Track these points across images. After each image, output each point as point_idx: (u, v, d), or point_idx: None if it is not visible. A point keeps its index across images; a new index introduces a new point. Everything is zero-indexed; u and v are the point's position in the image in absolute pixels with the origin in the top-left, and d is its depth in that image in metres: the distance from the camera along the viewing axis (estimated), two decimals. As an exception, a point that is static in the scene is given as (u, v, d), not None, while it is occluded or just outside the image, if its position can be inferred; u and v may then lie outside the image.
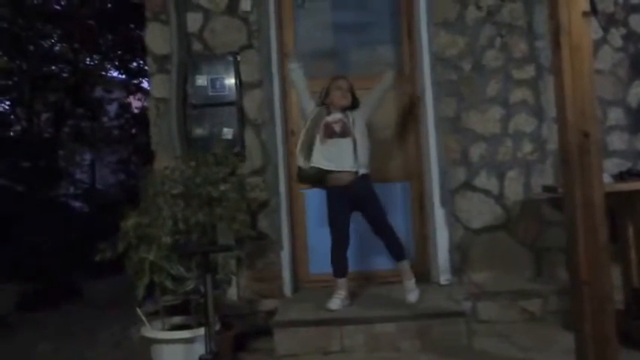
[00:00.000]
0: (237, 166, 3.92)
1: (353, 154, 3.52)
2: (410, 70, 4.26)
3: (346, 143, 3.53)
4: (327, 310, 3.49)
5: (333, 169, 3.53)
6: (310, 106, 3.67)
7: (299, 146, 3.61)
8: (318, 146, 3.55)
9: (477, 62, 4.04)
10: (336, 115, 3.60)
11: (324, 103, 3.66)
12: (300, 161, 3.59)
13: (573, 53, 2.27)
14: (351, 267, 3.68)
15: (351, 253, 3.64)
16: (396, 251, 3.60)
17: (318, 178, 3.58)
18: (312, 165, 3.54)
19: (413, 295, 3.54)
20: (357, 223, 3.66)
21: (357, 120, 3.59)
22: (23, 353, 3.99)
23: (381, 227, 3.59)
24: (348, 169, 3.52)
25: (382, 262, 4.05)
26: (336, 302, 3.52)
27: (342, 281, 3.59)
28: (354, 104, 3.65)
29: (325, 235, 3.75)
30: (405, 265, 3.60)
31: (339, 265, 3.59)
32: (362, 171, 3.55)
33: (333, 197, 3.60)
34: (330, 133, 3.55)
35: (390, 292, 3.82)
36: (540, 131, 4.01)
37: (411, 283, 3.58)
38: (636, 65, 4.06)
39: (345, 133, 3.55)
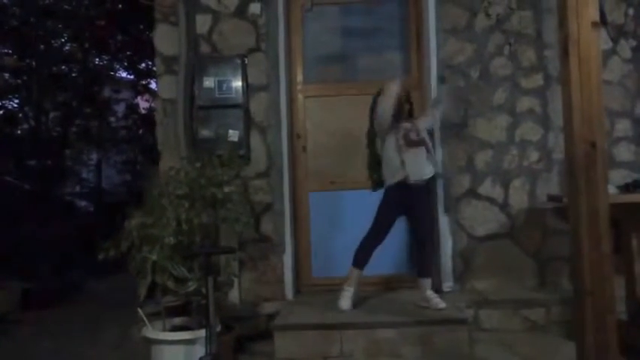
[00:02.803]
0: (242, 168, 3.92)
1: (427, 160, 3.60)
2: (418, 76, 4.26)
3: (423, 152, 3.60)
4: (338, 309, 3.49)
5: (416, 179, 3.54)
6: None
7: (392, 161, 3.59)
8: (396, 156, 3.55)
9: (484, 70, 4.04)
10: (408, 124, 3.64)
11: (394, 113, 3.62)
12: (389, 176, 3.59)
13: (582, 63, 2.26)
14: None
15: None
16: (424, 268, 3.60)
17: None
18: (397, 180, 3.55)
19: (439, 301, 3.50)
20: (358, 227, 3.64)
21: (422, 129, 3.67)
22: (24, 352, 4.00)
23: (420, 235, 3.60)
24: (426, 177, 3.59)
25: (385, 267, 4.03)
26: (346, 302, 3.52)
27: (357, 273, 3.58)
28: (410, 112, 3.72)
29: (328, 238, 3.76)
30: (428, 282, 3.59)
31: (363, 256, 3.58)
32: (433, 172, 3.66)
33: (391, 195, 3.59)
34: (409, 142, 3.58)
35: (393, 298, 3.80)
36: (546, 140, 4.00)
37: (431, 292, 3.57)
38: (645, 77, 4.04)
39: (420, 141, 3.61)
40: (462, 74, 4.04)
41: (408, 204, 3.55)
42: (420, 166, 3.57)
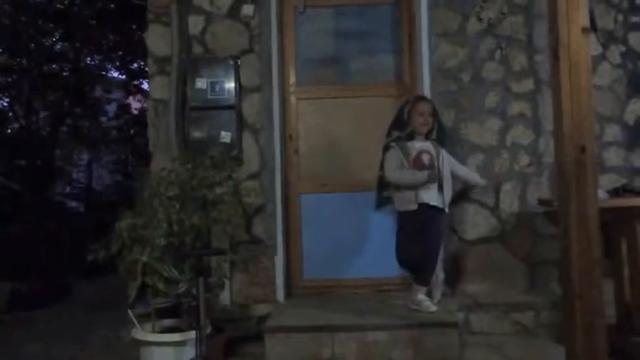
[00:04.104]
0: (234, 170, 3.91)
1: (438, 190, 3.47)
2: (409, 79, 4.27)
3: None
4: (429, 312, 3.44)
5: (428, 203, 3.45)
6: (398, 164, 3.54)
7: (395, 169, 3.52)
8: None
9: (476, 74, 4.06)
10: (425, 144, 3.54)
11: (398, 130, 3.58)
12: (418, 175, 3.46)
13: (572, 68, 2.28)
14: (345, 274, 3.67)
15: (344, 259, 3.63)
16: (423, 277, 3.51)
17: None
18: (407, 209, 3.47)
19: (429, 304, 3.48)
20: (349, 229, 3.65)
21: (445, 158, 3.55)
22: (13, 353, 3.96)
23: (424, 250, 3.47)
24: (434, 204, 3.45)
25: (375, 270, 4.04)
26: (432, 305, 3.48)
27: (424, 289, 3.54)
28: (441, 131, 3.61)
29: (320, 240, 3.76)
30: (422, 290, 3.52)
31: (429, 275, 3.51)
32: (447, 210, 3.52)
33: (410, 218, 3.48)
34: (420, 166, 3.47)
35: (384, 300, 3.81)
36: (537, 144, 4.03)
37: (422, 296, 3.52)
38: (634, 82, 4.08)
39: (433, 166, 3.48)
40: (454, 78, 4.05)
41: (426, 222, 3.46)
42: (432, 195, 3.45)
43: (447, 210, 3.53)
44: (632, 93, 4.08)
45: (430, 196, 3.45)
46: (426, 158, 3.50)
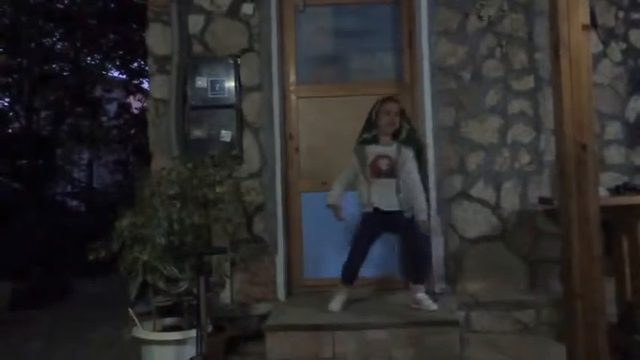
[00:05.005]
0: (234, 168, 3.92)
1: (396, 195, 3.49)
2: (410, 78, 4.27)
3: (394, 184, 3.49)
4: (327, 310, 3.49)
5: (384, 209, 3.48)
6: (349, 174, 3.60)
7: (337, 182, 3.59)
8: (366, 187, 3.52)
9: (476, 72, 4.05)
10: (386, 148, 3.54)
11: (368, 132, 3.59)
12: (334, 198, 3.55)
13: (572, 66, 2.27)
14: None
15: (345, 258, 3.62)
16: (417, 276, 3.56)
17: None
18: (364, 211, 3.52)
19: (431, 302, 3.49)
20: (349, 228, 3.64)
21: (408, 164, 3.52)
22: (15, 352, 3.97)
23: (410, 252, 3.55)
24: (395, 209, 3.48)
25: (376, 269, 4.04)
26: (337, 304, 3.52)
27: (346, 287, 3.58)
28: (411, 133, 3.61)
29: (321, 239, 3.76)
30: (421, 288, 3.55)
31: (350, 274, 3.56)
32: (407, 215, 3.51)
33: (368, 219, 3.54)
34: (377, 173, 3.50)
35: (384, 299, 3.81)
36: (538, 142, 4.02)
37: (422, 294, 3.54)
38: (635, 80, 4.07)
39: (391, 172, 3.50)
40: (454, 76, 4.04)
41: (387, 226, 3.52)
42: (388, 200, 3.48)
43: (408, 214, 3.49)
44: (633, 90, 4.07)
45: (382, 201, 3.46)
46: (383, 164, 3.51)
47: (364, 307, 3.66)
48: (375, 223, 3.52)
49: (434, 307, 3.46)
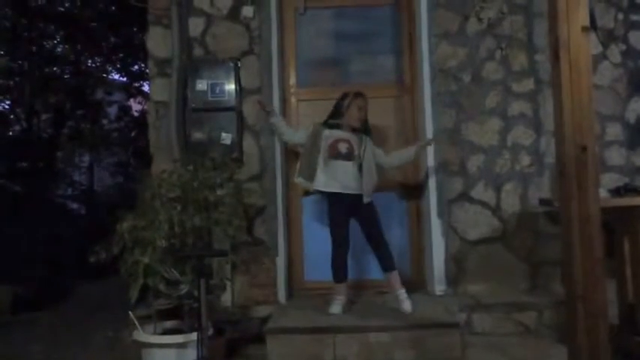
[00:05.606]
0: (235, 171, 3.92)
1: (358, 178, 3.56)
2: (410, 80, 4.27)
3: (351, 166, 3.58)
4: (328, 314, 3.50)
5: (338, 190, 3.57)
6: (302, 135, 3.72)
7: (298, 167, 3.66)
8: (321, 167, 3.57)
9: (476, 74, 4.05)
10: (346, 134, 3.63)
11: (334, 118, 3.66)
12: (302, 182, 3.65)
13: (572, 67, 2.28)
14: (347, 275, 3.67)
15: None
16: (387, 262, 3.62)
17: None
18: (316, 188, 3.61)
19: (407, 304, 3.53)
20: (353, 232, 3.65)
21: (368, 150, 3.63)
22: (16, 354, 3.97)
23: (374, 237, 3.63)
24: (352, 192, 3.56)
25: (377, 271, 4.02)
26: (337, 307, 3.53)
27: (341, 286, 3.61)
28: (366, 124, 3.70)
29: (321, 242, 3.75)
30: (395, 275, 3.61)
31: (340, 271, 3.61)
32: (366, 200, 3.57)
33: (333, 203, 3.62)
34: (335, 154, 3.58)
35: (385, 302, 3.80)
36: (538, 144, 4.02)
37: (402, 292, 3.57)
38: (635, 81, 4.07)
39: (350, 155, 3.59)
40: (454, 78, 4.05)
41: (350, 205, 3.58)
42: (347, 182, 3.56)
43: (367, 199, 3.58)
44: (633, 92, 4.08)
45: (336, 183, 3.55)
46: (343, 147, 3.60)
47: (365, 310, 3.66)
48: (342, 205, 3.58)
49: (409, 309, 3.50)
